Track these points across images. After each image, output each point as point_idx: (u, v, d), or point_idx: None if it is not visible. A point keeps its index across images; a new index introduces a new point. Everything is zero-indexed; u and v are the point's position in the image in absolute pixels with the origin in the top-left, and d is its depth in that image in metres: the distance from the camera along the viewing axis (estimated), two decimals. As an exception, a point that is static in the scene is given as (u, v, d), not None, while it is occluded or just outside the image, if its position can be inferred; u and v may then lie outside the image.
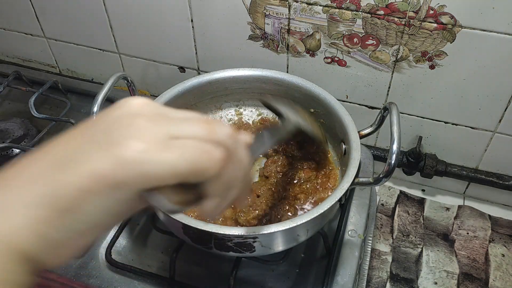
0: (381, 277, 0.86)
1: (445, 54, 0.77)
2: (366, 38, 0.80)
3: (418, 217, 0.95)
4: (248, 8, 0.84)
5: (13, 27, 1.10)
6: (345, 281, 0.67)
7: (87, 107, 0.98)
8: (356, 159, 0.61)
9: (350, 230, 0.74)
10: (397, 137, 0.55)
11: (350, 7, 0.77)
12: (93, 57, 1.08)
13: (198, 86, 0.76)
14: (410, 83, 0.84)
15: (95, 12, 0.97)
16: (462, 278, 0.85)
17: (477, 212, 0.95)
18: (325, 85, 0.73)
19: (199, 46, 0.95)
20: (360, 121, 0.70)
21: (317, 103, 0.73)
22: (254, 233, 0.54)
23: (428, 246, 0.90)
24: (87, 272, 0.68)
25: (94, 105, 0.62)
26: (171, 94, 0.74)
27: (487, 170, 0.92)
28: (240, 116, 0.82)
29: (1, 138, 0.89)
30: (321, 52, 0.85)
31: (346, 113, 0.68)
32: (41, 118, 0.88)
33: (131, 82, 0.70)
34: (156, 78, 1.06)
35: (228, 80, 0.78)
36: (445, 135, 0.90)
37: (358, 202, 0.78)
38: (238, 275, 0.66)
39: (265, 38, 0.87)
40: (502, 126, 0.84)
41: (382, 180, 0.56)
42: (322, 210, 0.56)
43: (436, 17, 0.73)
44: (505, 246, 0.89)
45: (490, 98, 0.81)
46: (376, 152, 0.96)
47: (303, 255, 0.71)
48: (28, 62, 1.18)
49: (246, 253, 0.59)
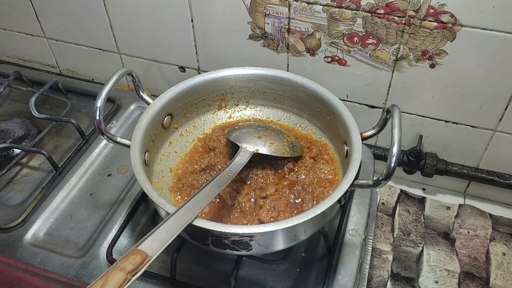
0: (382, 276, 0.86)
1: (445, 53, 0.77)
2: (366, 37, 0.80)
3: (418, 216, 0.95)
4: (248, 8, 0.84)
5: (14, 27, 1.10)
6: (346, 280, 0.67)
7: (87, 107, 0.98)
8: (357, 161, 0.61)
9: (350, 229, 0.74)
10: (397, 140, 0.55)
11: (350, 6, 0.77)
12: (94, 57, 1.08)
13: (203, 84, 0.76)
14: (411, 82, 0.84)
15: (96, 12, 0.97)
16: (463, 277, 0.85)
17: (477, 211, 0.95)
18: (325, 84, 0.73)
19: (199, 46, 0.95)
20: (361, 121, 0.70)
21: (320, 103, 0.73)
22: (250, 231, 0.54)
23: (429, 245, 0.90)
24: (88, 272, 0.68)
25: (98, 100, 0.62)
26: (175, 91, 0.74)
27: (487, 169, 0.92)
28: (243, 114, 0.82)
29: (2, 138, 0.89)
30: (321, 52, 0.86)
31: (349, 114, 0.68)
32: (41, 118, 0.88)
33: (136, 77, 0.70)
34: (156, 78, 1.06)
35: (233, 78, 0.78)
36: (445, 134, 0.90)
37: (359, 201, 0.78)
38: (239, 275, 0.66)
39: (265, 37, 0.87)
40: (502, 125, 0.84)
41: (381, 183, 0.56)
42: (319, 210, 0.56)
43: (436, 16, 0.73)
44: (506, 244, 0.89)
45: (491, 97, 0.81)
46: (376, 151, 0.96)
47: (304, 255, 0.71)
48: (28, 62, 1.18)
49: (243, 251, 0.59)
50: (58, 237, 0.73)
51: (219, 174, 0.62)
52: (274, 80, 0.77)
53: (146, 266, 0.49)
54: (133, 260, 0.48)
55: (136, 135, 0.66)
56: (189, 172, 0.74)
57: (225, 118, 0.82)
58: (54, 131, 0.93)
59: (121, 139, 0.66)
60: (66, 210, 0.77)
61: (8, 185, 0.82)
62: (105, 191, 0.80)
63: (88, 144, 0.88)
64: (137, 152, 0.64)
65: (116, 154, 0.87)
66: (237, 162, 0.65)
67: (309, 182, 0.70)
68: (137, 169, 0.62)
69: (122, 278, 0.47)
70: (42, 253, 0.71)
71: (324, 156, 0.74)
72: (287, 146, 0.72)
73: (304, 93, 0.75)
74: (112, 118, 0.94)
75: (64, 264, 0.69)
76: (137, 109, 0.97)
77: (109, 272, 0.47)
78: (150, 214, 0.75)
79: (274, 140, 0.72)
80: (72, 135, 0.91)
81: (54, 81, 0.97)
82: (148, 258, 0.49)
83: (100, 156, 0.87)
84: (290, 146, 0.72)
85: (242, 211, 0.67)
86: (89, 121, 0.95)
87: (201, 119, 0.80)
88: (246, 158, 0.67)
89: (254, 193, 0.69)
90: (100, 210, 0.77)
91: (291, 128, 0.80)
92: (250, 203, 0.68)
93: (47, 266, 0.69)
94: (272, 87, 0.78)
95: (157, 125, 0.72)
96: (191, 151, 0.78)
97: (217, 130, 0.79)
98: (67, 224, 0.75)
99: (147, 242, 0.51)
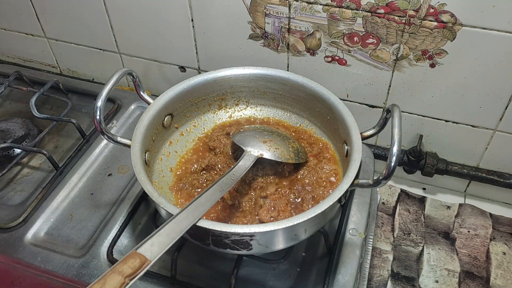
0: (382, 276, 0.86)
1: (445, 53, 0.77)
2: (366, 37, 0.80)
3: (419, 216, 0.95)
4: (248, 8, 0.84)
5: (14, 27, 1.11)
6: (346, 279, 0.67)
7: (88, 107, 0.98)
8: (357, 161, 0.61)
9: (351, 229, 0.74)
10: (397, 140, 0.55)
11: (350, 6, 0.77)
12: (94, 57, 1.08)
13: (203, 83, 0.76)
14: (411, 82, 0.84)
15: (96, 12, 0.97)
16: (463, 276, 0.85)
17: (478, 210, 0.95)
18: (325, 84, 0.74)
19: (200, 46, 0.95)
20: (361, 120, 0.70)
21: (321, 103, 0.73)
22: (250, 231, 0.54)
23: (429, 244, 0.90)
24: (88, 271, 0.68)
25: (98, 100, 0.62)
26: (175, 91, 0.74)
27: (488, 169, 0.92)
28: (244, 114, 0.82)
29: (2, 138, 0.89)
30: (322, 51, 0.86)
31: (349, 114, 0.68)
32: (42, 118, 0.88)
33: (136, 77, 0.70)
34: (156, 77, 1.06)
35: (233, 78, 0.78)
36: (445, 134, 0.90)
37: (359, 201, 0.78)
38: (239, 274, 0.66)
39: (265, 37, 0.88)
40: (502, 124, 0.84)
41: (381, 182, 0.56)
42: (319, 210, 0.56)
43: (436, 16, 0.73)
44: (506, 244, 0.89)
45: (491, 97, 0.81)
46: (376, 151, 0.96)
47: (304, 254, 0.71)
48: (29, 62, 1.18)
49: (243, 250, 0.59)
50: (59, 237, 0.73)
51: (222, 177, 0.61)
52: (274, 79, 0.77)
53: (145, 271, 0.49)
54: (131, 264, 0.48)
55: (136, 135, 0.67)
56: (190, 171, 0.74)
57: (225, 117, 0.82)
58: (55, 131, 0.93)
59: (121, 139, 0.66)
60: (67, 210, 0.78)
61: (8, 185, 0.82)
62: (105, 191, 0.80)
63: (89, 144, 0.88)
64: (138, 151, 0.64)
65: (117, 154, 0.87)
66: (240, 166, 0.65)
67: (309, 181, 0.70)
68: (137, 169, 0.62)
69: (120, 282, 0.47)
70: (43, 253, 0.71)
71: (326, 154, 0.74)
72: (292, 152, 0.71)
73: (304, 93, 0.76)
74: (113, 118, 0.94)
75: (64, 263, 0.69)
76: (138, 109, 0.97)
77: (107, 275, 0.47)
78: (151, 214, 0.75)
79: (279, 145, 0.71)
80: (73, 135, 0.91)
81: (55, 81, 0.97)
82: (147, 262, 0.49)
83: (101, 156, 0.87)
84: (295, 152, 0.72)
85: (243, 211, 0.67)
86: (90, 121, 0.95)
87: (201, 118, 0.81)
88: (250, 162, 0.66)
89: (254, 193, 0.69)
90: (100, 209, 0.77)
91: (291, 125, 0.80)
92: (251, 202, 0.68)
93: (48, 266, 0.69)
94: (272, 87, 0.78)
95: (157, 124, 0.72)
96: (191, 151, 0.78)
97: (217, 130, 0.79)
98: (68, 224, 0.75)
99: (147, 245, 0.51)
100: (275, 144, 0.71)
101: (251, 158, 0.67)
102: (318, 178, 0.70)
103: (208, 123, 0.81)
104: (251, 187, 0.70)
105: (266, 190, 0.69)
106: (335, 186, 0.69)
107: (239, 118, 0.82)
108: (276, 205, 0.66)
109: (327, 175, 0.71)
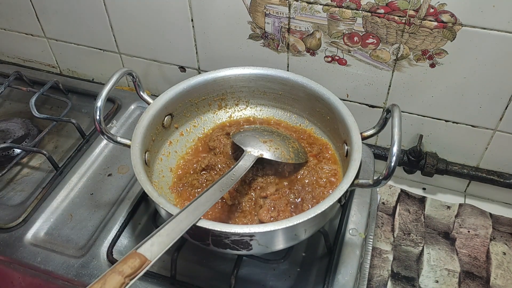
0: (382, 276, 0.86)
1: (445, 53, 0.77)
2: (366, 36, 0.80)
3: (419, 216, 0.95)
4: (248, 8, 0.84)
5: (14, 27, 1.11)
6: (346, 280, 0.67)
7: (88, 107, 0.98)
8: (357, 161, 0.61)
9: (351, 229, 0.74)
10: (397, 140, 0.55)
11: (350, 6, 0.77)
12: (94, 57, 1.08)
13: (203, 83, 0.76)
14: (411, 82, 0.84)
15: (96, 12, 0.97)
16: (463, 276, 0.85)
17: (478, 210, 0.95)
18: (325, 84, 0.74)
19: (200, 46, 0.95)
20: (361, 120, 0.70)
21: (321, 103, 0.73)
22: (250, 231, 0.54)
23: (429, 244, 0.90)
24: (88, 271, 0.68)
25: (98, 100, 0.62)
26: (175, 91, 0.74)
27: (488, 168, 0.92)
28: (244, 114, 0.82)
29: (2, 138, 0.89)
30: (322, 51, 0.86)
31: (349, 114, 0.68)
32: (42, 118, 0.88)
33: (136, 77, 0.70)
34: (156, 77, 1.06)
35: (233, 78, 0.78)
36: (445, 134, 0.90)
37: (359, 201, 0.78)
38: (239, 274, 0.66)
39: (265, 37, 0.88)
40: (502, 124, 0.84)
41: (381, 182, 0.56)
42: (319, 210, 0.56)
43: (436, 16, 0.73)
44: (506, 244, 0.89)
45: (491, 96, 0.81)
46: (376, 151, 0.96)
47: (304, 254, 0.71)
48: (28, 62, 1.18)
49: (243, 250, 0.59)
50: (59, 237, 0.73)
51: (222, 178, 0.61)
52: (274, 79, 0.77)
53: (145, 271, 0.49)
54: (131, 264, 0.48)
55: (136, 135, 0.67)
56: (189, 171, 0.74)
57: (225, 117, 0.82)
58: (55, 131, 0.93)
59: (121, 139, 0.66)
60: (67, 210, 0.78)
61: (8, 185, 0.82)
62: (105, 191, 0.80)
63: (89, 144, 0.88)
64: (138, 152, 0.64)
65: (117, 154, 0.87)
66: (240, 166, 0.65)
67: (309, 181, 0.70)
68: (137, 169, 0.62)
69: (120, 282, 0.47)
70: (43, 253, 0.71)
71: (326, 154, 0.74)
72: (292, 152, 0.71)
73: (304, 93, 0.76)
74: (113, 118, 0.94)
75: (64, 263, 0.69)
76: (137, 109, 0.97)
77: (107, 275, 0.47)
78: (151, 214, 0.75)
79: (279, 145, 0.71)
80: (73, 135, 0.91)
81: (55, 81, 0.97)
82: (147, 262, 0.49)
83: (101, 156, 0.87)
84: (295, 152, 0.72)
85: (242, 211, 0.67)
86: (90, 121, 0.95)
87: (201, 119, 0.81)
88: (250, 162, 0.66)
89: (254, 193, 0.69)
90: (100, 210, 0.77)
91: (291, 125, 0.80)
92: (250, 202, 0.68)
93: (48, 266, 0.69)
94: (272, 87, 0.78)
95: (157, 125, 0.72)
96: (191, 151, 0.78)
97: (217, 130, 0.79)
98: (68, 224, 0.75)
99: (147, 245, 0.51)
100: (275, 144, 0.71)
101: (251, 158, 0.67)
102: (318, 178, 0.70)
103: (208, 123, 0.81)
104: (251, 187, 0.70)
105: (266, 190, 0.69)
106: (335, 186, 0.69)
107: (239, 118, 0.82)
108: (276, 205, 0.66)
109: (327, 175, 0.71)
